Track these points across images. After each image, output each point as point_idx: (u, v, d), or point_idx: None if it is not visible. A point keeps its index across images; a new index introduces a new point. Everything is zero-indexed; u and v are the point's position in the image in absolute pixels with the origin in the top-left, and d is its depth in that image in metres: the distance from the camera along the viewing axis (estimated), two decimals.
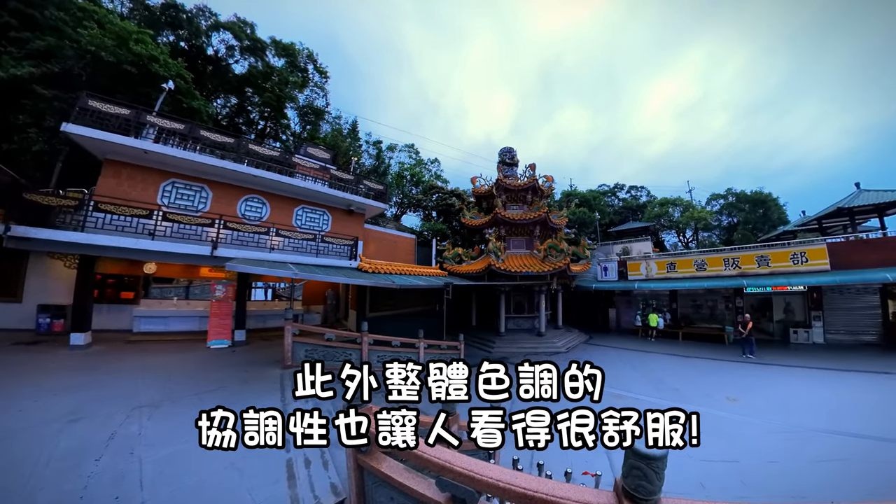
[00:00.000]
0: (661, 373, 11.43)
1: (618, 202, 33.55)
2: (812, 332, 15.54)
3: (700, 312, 19.12)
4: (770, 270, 15.64)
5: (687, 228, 28.00)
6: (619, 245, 24.06)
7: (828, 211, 18.55)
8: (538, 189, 19.56)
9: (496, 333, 17.15)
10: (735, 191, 27.32)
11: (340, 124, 24.63)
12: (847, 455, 5.73)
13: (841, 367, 11.39)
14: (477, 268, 17.22)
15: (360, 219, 13.77)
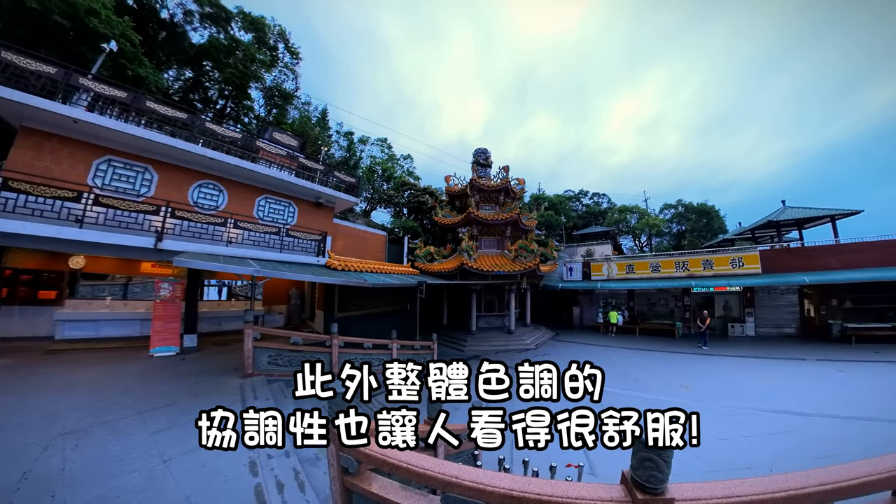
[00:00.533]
0: (623, 365, 12.24)
1: (582, 207, 35.40)
2: (746, 326, 17.60)
3: (654, 310, 20.74)
4: (713, 273, 17.64)
5: (642, 234, 30.27)
6: (582, 247, 25.39)
7: (759, 223, 21.26)
8: (510, 191, 19.92)
9: (468, 332, 17.18)
10: (684, 202, 30.29)
11: (309, 111, 23.04)
12: (784, 429, 6.66)
13: (770, 355, 13.13)
14: (449, 266, 17.11)
15: (329, 213, 12.94)
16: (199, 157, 8.79)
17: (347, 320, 11.47)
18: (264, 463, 4.07)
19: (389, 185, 24.68)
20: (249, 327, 7.06)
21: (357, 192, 13.31)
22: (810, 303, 16.83)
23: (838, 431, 6.56)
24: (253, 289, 9.06)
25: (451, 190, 19.77)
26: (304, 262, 10.75)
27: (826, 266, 15.84)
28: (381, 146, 27.27)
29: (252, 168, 9.71)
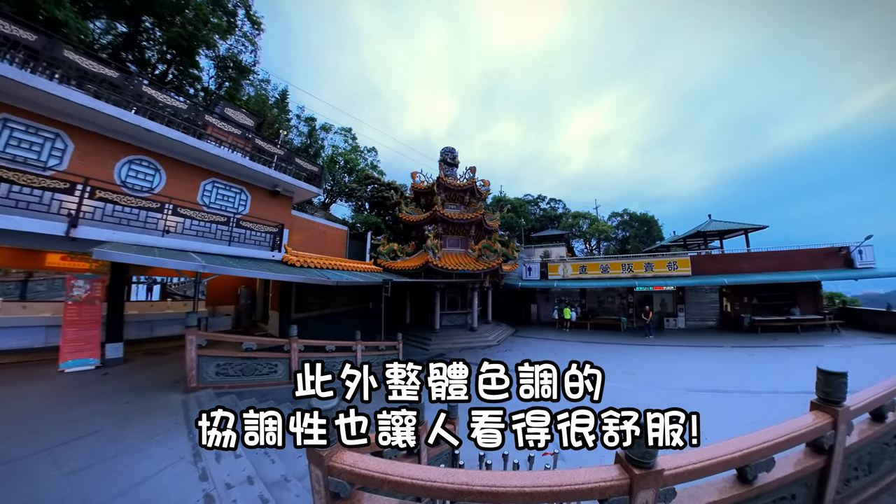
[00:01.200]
0: (577, 357, 12.77)
1: (539, 211, 37.15)
2: (678, 320, 20.10)
3: (603, 307, 22.50)
4: (653, 274, 19.80)
5: (593, 238, 32.67)
6: (540, 249, 26.67)
7: (690, 233, 24.61)
8: (476, 191, 20.10)
9: (431, 330, 16.99)
10: (630, 211, 33.85)
11: (267, 90, 20.62)
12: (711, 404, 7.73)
13: (697, 344, 15.25)
14: (414, 264, 16.76)
15: (287, 203, 11.77)
16: (130, 126, 7.28)
17: (306, 321, 10.55)
18: (223, 495, 3.43)
19: (352, 178, 23.35)
20: (193, 332, 6.06)
21: (319, 183, 12.29)
22: (728, 300, 19.71)
23: (753, 402, 7.98)
24: (196, 287, 7.76)
25: (416, 187, 19.33)
26: (258, 258, 9.63)
27: (740, 270, 18.79)
28: (344, 136, 25.71)
29: (198, 146, 8.35)
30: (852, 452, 2.71)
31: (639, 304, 20.83)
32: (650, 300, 21.03)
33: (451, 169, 19.93)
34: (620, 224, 32.82)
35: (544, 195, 38.00)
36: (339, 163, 23.14)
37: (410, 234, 19.94)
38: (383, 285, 12.76)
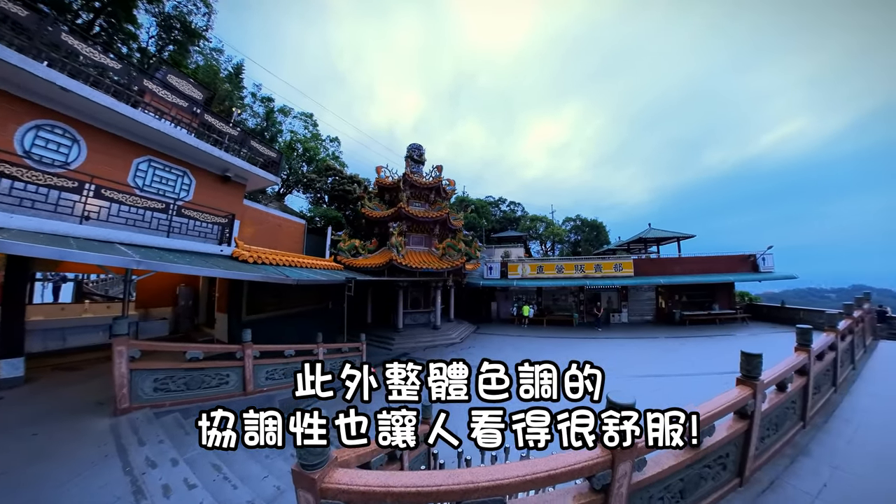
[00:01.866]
0: (535, 351, 14.03)
1: (500, 213, 38.26)
2: (622, 315, 22.38)
3: (557, 304, 23.88)
4: (602, 275, 21.70)
5: (548, 240, 34.38)
6: (500, 249, 27.48)
7: (632, 239, 27.40)
8: (442, 190, 19.98)
9: (394, 329, 16.55)
10: (582, 217, 36.36)
11: (220, 61, 18.22)
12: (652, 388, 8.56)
13: (638, 336, 17.30)
14: (377, 262, 16.16)
15: (239, 191, 10.49)
16: (41, 82, 5.81)
17: (260, 324, 9.53)
18: None
19: (311, 168, 21.61)
20: (123, 342, 5.03)
21: (277, 171, 11.13)
22: (662, 298, 22.37)
23: (687, 384, 9.24)
24: (127, 287, 6.42)
25: (381, 182, 18.62)
26: (203, 252, 8.44)
27: (673, 272, 21.45)
28: (304, 122, 23.60)
29: (132, 115, 6.94)
30: (766, 416, 3.42)
31: (589, 301, 22.69)
32: (599, 298, 22.97)
33: (418, 166, 19.55)
34: (573, 228, 35.17)
35: (505, 198, 39.45)
36: (297, 150, 21.22)
37: (373, 231, 19.19)
38: (346, 284, 12.03)
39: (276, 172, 10.99)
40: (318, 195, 21.89)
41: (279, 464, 4.71)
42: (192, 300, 11.30)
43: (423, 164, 19.75)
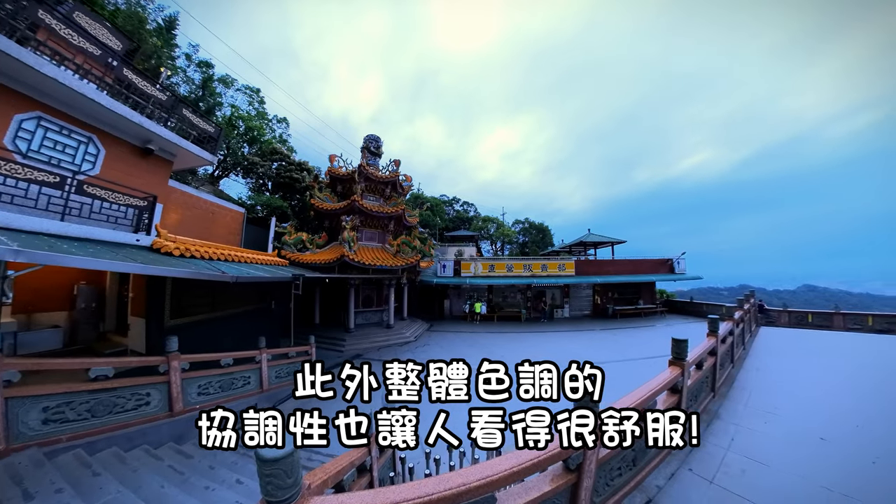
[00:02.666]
0: (488, 346, 14.48)
1: (453, 212, 38.57)
2: (564, 310, 24.38)
3: (507, 301, 24.98)
4: (547, 273, 23.22)
5: (498, 241, 35.55)
6: (453, 247, 27.73)
7: (574, 242, 30.05)
8: (398, 185, 19.41)
9: (345, 330, 15.61)
10: (530, 220, 38.63)
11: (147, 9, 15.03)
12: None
13: (578, 329, 19.25)
14: (326, 258, 15.09)
15: (164, 168, 8.77)
16: None
17: (188, 329, 8.11)
18: None
19: (253, 150, 19.13)
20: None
21: (215, 149, 9.57)
22: (598, 295, 25.07)
23: (621, 370, 10.26)
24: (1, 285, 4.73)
25: (334, 172, 17.38)
26: (113, 241, 6.89)
27: (607, 272, 24.02)
28: (250, 97, 20.69)
29: (15, 53, 5.25)
30: (689, 389, 4.15)
31: (535, 298, 24.29)
32: (544, 295, 24.63)
33: (374, 158, 18.67)
34: (522, 230, 37.06)
35: (459, 197, 40.02)
36: (238, 128, 18.57)
37: (323, 224, 17.85)
38: (293, 281, 10.92)
39: (212, 151, 9.44)
40: (261, 181, 19.54)
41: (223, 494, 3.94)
42: (95, 302, 9.07)
43: (379, 157, 18.92)
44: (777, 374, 7.03)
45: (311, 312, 17.06)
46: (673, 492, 3.20)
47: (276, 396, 8.29)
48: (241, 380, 7.46)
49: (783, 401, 5.50)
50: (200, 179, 15.79)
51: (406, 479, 3.92)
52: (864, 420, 4.70)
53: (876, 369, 7.49)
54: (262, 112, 21.35)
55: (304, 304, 16.73)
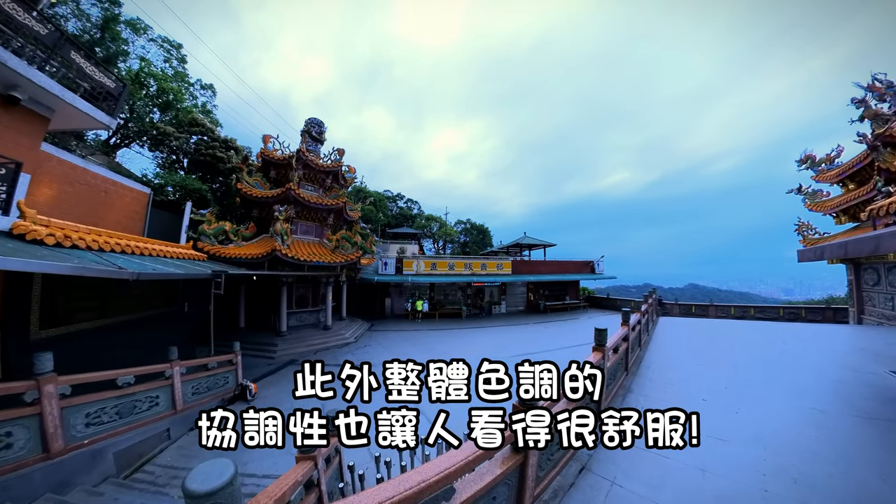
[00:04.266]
0: (431, 343, 14.69)
1: (396, 208, 37.55)
2: (501, 306, 25.90)
3: (448, 298, 25.46)
4: (487, 272, 24.41)
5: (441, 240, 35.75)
6: (396, 245, 27.23)
7: (511, 243, 32.33)
8: (340, 176, 18.28)
9: (276, 334, 14.05)
10: (472, 221, 39.77)
11: None
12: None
13: (514, 323, 20.66)
14: (254, 252, 13.41)
15: (35, 126, 6.62)
16: None
17: (69, 341, 6.34)
18: None
19: (167, 117, 15.65)
20: None
21: (114, 110, 7.59)
22: (531, 292, 27.27)
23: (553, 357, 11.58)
24: None
25: (268, 155, 15.47)
26: None
27: (539, 272, 26.24)
28: (167, 52, 16.69)
29: None
30: (608, 370, 4.89)
31: (475, 295, 25.46)
32: (483, 292, 25.92)
33: (316, 145, 17.16)
34: (463, 230, 38.03)
35: (403, 194, 39.30)
36: (148, 88, 14.92)
37: (251, 213, 15.77)
38: (214, 279, 9.39)
39: (110, 112, 7.47)
40: (175, 157, 16.16)
41: None
42: None
43: (321, 144, 17.44)
44: (671, 353, 8.72)
45: (235, 315, 14.93)
46: (602, 457, 3.76)
47: (192, 417, 6.99)
48: (147, 401, 6.08)
49: (676, 374, 6.93)
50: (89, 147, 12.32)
51: (357, 488, 3.77)
52: (730, 382, 6.25)
53: (735, 344, 9.90)
54: (181, 73, 17.53)
55: (227, 305, 14.60)
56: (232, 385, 8.57)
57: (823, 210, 15.82)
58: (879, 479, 3.23)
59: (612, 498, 3.16)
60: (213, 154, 16.45)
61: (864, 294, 15.13)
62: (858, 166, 14.27)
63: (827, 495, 3.05)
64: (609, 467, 3.62)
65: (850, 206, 14.49)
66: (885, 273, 13.82)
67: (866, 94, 12.89)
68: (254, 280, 14.85)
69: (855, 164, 14.40)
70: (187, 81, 18.25)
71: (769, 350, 8.98)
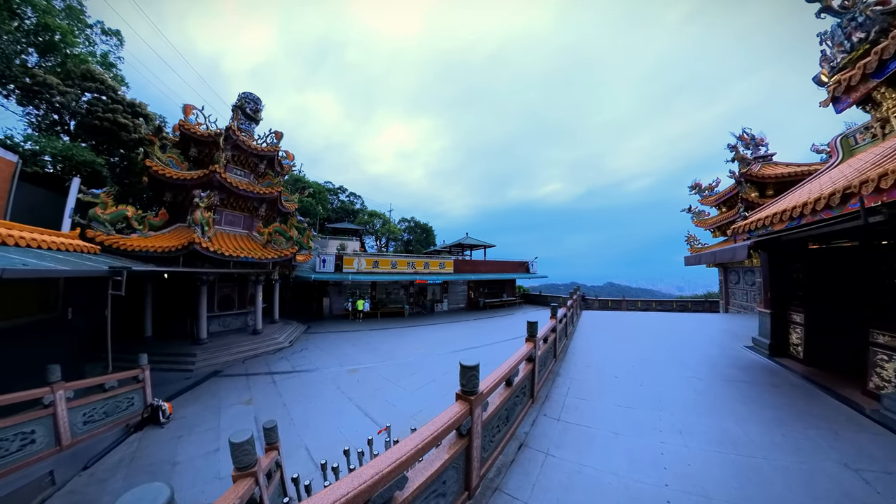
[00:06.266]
0: (374, 343, 14.38)
1: (338, 202, 35.20)
2: (444, 304, 26.56)
3: (390, 297, 25.15)
4: (430, 271, 24.66)
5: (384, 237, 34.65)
6: (336, 241, 25.83)
7: (454, 243, 33.45)
8: (277, 162, 16.69)
9: (194, 342, 12.21)
10: (416, 219, 39.50)
11: None
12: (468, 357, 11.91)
13: (455, 320, 21.31)
14: (166, 244, 11.48)
15: None
16: None
17: None
18: None
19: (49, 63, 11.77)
20: None
21: None
22: (471, 290, 28.63)
23: (493, 350, 12.16)
24: None
25: (189, 129, 13.27)
26: None
27: (479, 271, 27.51)
28: None
29: None
30: (540, 358, 5.39)
31: (418, 293, 25.62)
32: (426, 291, 26.19)
33: (250, 124, 15.29)
34: (407, 228, 37.51)
35: (346, 187, 37.22)
36: (22, 18, 10.91)
37: (162, 197, 13.36)
38: (112, 277, 7.75)
39: None
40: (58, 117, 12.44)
41: None
42: None
43: (256, 124, 15.59)
44: (592, 341, 10.23)
45: (140, 321, 12.38)
46: (536, 433, 4.33)
47: (87, 453, 5.63)
48: (17, 439, 4.71)
49: (595, 357, 8.19)
50: None
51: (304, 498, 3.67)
52: (636, 363, 7.56)
53: (641, 332, 12.05)
54: (76, 10, 13.49)
55: (128, 310, 12.08)
56: (139, 407, 7.11)
57: (705, 226, 20.32)
58: (734, 422, 4.49)
59: (546, 467, 3.57)
60: (113, 119, 13.28)
61: (729, 290, 20.02)
62: (729, 195, 19.18)
63: (701, 439, 4.10)
64: (543, 441, 4.11)
65: (723, 224, 19.39)
66: (742, 275, 18.62)
67: (737, 142, 17.26)
68: (165, 279, 12.50)
69: (727, 193, 19.24)
70: (83, 21, 14.16)
71: (664, 335, 11.16)
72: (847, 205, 4.36)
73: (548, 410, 5.04)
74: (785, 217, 5.55)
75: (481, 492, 3.16)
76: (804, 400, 5.17)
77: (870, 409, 4.70)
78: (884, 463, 3.43)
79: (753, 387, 5.83)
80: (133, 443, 6.21)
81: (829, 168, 7.29)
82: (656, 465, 3.56)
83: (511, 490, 3.20)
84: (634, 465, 3.56)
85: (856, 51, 4.58)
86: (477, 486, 3.14)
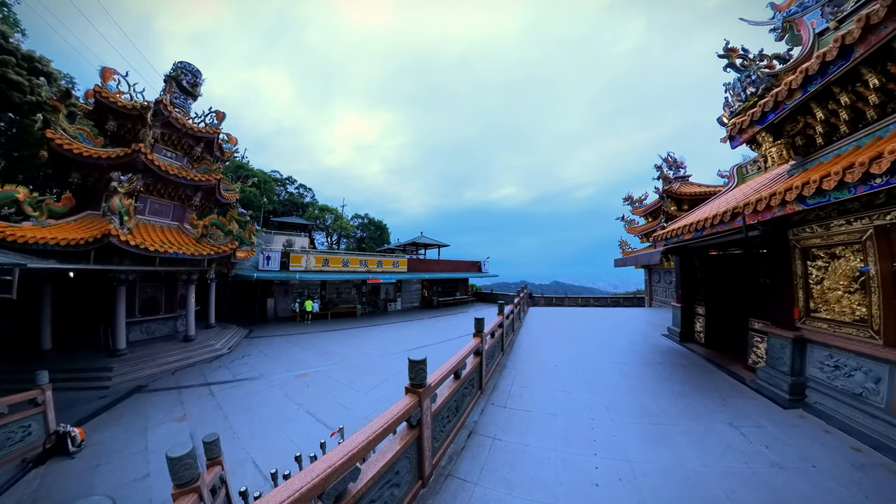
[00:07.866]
0: (323, 346, 13.79)
1: (285, 194, 32.75)
2: (397, 303, 26.41)
3: (341, 297, 24.22)
4: (383, 270, 24.30)
5: (335, 233, 33.16)
6: (282, 236, 24.19)
7: (408, 242, 33.30)
8: (215, 145, 15.27)
9: (109, 353, 10.53)
10: (370, 216, 38.26)
11: None
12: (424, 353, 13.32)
13: (409, 319, 21.40)
14: (73, 236, 9.89)
15: None
16: None
17: None
18: None
19: None
20: None
21: None
22: (425, 288, 28.96)
23: (445, 346, 12.70)
24: None
25: (109, 97, 11.53)
26: None
27: (433, 270, 27.85)
28: None
29: None
30: (487, 352, 5.82)
31: (371, 293, 25.12)
32: (379, 290, 25.78)
33: (186, 99, 13.76)
34: (361, 225, 36.34)
35: (295, 178, 34.63)
36: None
37: (68, 178, 11.37)
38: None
39: None
40: None
41: None
42: None
43: (194, 99, 14.06)
44: (537, 335, 11.18)
45: (36, 330, 10.33)
46: (484, 421, 4.72)
47: None
48: None
49: (539, 349, 8.99)
50: None
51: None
52: (575, 353, 8.56)
53: (580, 325, 13.42)
54: None
55: (21, 317, 10.07)
56: (39, 436, 5.98)
57: (635, 233, 23.46)
58: (650, 398, 5.35)
59: (494, 450, 3.91)
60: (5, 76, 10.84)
61: (653, 288, 23.26)
62: (654, 207, 22.51)
63: (624, 413, 4.83)
64: (491, 427, 4.46)
65: (648, 232, 22.68)
66: (663, 275, 21.84)
67: (663, 163, 20.18)
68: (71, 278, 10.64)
69: (653, 206, 22.56)
70: None
71: (599, 327, 12.71)
72: (735, 221, 5.49)
73: (495, 399, 5.40)
74: (691, 228, 6.75)
75: (435, 479, 3.31)
76: (703, 376, 6.30)
77: (749, 380, 5.93)
78: (756, 420, 4.47)
79: (666, 367, 6.93)
80: (33, 480, 5.17)
81: (727, 191, 9.31)
82: (587, 439, 4.11)
83: (462, 474, 3.43)
84: (569, 440, 4.07)
85: (748, 101, 5.79)
86: (430, 474, 3.29)
